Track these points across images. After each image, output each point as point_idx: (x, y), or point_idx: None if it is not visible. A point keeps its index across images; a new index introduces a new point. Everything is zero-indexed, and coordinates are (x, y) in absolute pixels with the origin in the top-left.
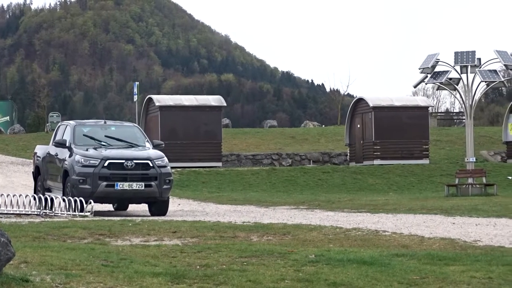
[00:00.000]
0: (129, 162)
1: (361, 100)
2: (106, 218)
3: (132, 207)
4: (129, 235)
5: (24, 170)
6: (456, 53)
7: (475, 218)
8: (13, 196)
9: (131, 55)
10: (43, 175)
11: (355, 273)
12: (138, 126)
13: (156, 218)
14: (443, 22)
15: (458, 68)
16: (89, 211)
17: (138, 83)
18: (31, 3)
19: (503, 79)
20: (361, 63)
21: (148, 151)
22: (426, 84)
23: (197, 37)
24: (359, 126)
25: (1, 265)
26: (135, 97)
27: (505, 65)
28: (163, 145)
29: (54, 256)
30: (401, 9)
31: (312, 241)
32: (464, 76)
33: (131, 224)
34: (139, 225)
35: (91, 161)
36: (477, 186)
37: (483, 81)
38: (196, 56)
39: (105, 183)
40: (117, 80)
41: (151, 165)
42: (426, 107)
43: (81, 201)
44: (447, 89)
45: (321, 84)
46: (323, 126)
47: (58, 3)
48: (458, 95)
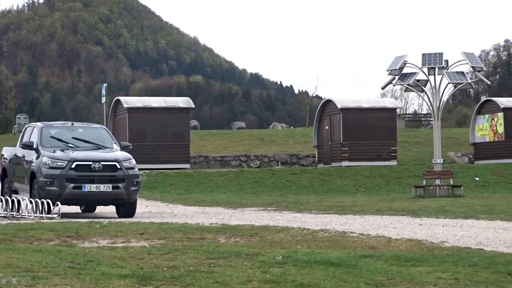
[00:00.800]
0: (97, 164)
1: (329, 101)
2: (73, 220)
3: (99, 209)
4: (96, 237)
5: None
6: (423, 55)
7: (442, 219)
8: None
9: (100, 56)
10: (10, 177)
11: (322, 274)
12: (105, 128)
13: (123, 220)
14: (411, 24)
15: (425, 69)
16: (56, 213)
17: (106, 84)
18: None
19: (470, 81)
20: (329, 64)
21: (115, 153)
22: (394, 85)
23: (166, 39)
24: (327, 127)
25: None
26: (103, 99)
27: (472, 67)
28: (131, 147)
29: (20, 258)
30: (369, 11)
31: (279, 243)
32: (431, 77)
33: (98, 226)
34: (107, 227)
35: (58, 163)
36: (445, 187)
37: (450, 83)
38: (164, 57)
39: (72, 185)
40: (85, 81)
41: (118, 167)
42: (394, 109)
43: (48, 203)
44: (414, 91)
45: (289, 85)
46: (292, 127)
47: (26, 5)
48: (425, 97)
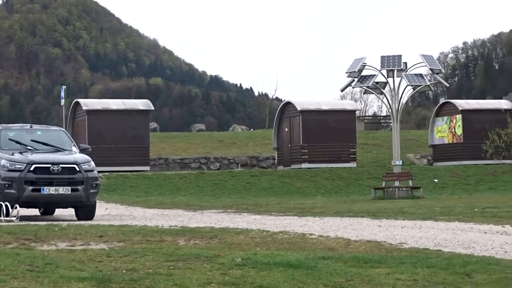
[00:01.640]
0: (56, 166)
1: (289, 104)
2: (32, 222)
3: (58, 212)
4: (55, 240)
5: None
6: (382, 57)
7: (401, 220)
8: None
9: (59, 58)
10: None
11: (282, 276)
12: (64, 130)
13: (82, 222)
14: (370, 26)
15: (384, 72)
16: (14, 216)
17: (65, 87)
18: None
19: (429, 83)
20: (289, 67)
21: (74, 155)
22: (353, 88)
23: (125, 41)
24: (287, 129)
25: None
26: (62, 101)
27: (431, 69)
28: (90, 149)
29: None
30: (329, 13)
31: (239, 245)
32: (390, 80)
33: (57, 228)
34: (65, 230)
35: (17, 166)
36: (404, 189)
37: (409, 85)
38: (124, 60)
39: (31, 188)
40: (44, 84)
41: (77, 169)
42: (353, 111)
43: (6, 205)
44: (374, 93)
45: (249, 88)
46: (251, 130)
47: None
48: (385, 99)
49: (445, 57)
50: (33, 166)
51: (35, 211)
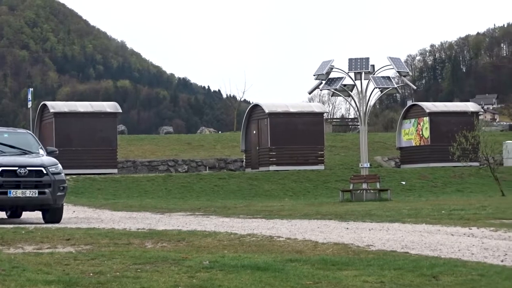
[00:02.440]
0: (22, 169)
1: (257, 106)
2: None
3: (25, 215)
4: (22, 243)
5: None
6: (350, 60)
7: (368, 223)
8: None
9: (26, 61)
10: None
11: (249, 278)
12: (31, 133)
13: (50, 225)
14: (338, 29)
15: (352, 74)
16: None
17: (32, 89)
18: None
19: (396, 86)
20: (257, 69)
21: (41, 158)
22: (321, 90)
23: (93, 43)
24: (255, 132)
25: None
26: (29, 104)
27: (398, 72)
28: (57, 152)
29: None
30: (296, 16)
31: (206, 247)
32: (358, 82)
33: (24, 231)
34: (32, 233)
35: None
36: (371, 191)
37: (377, 88)
38: (91, 62)
39: None
40: (11, 86)
41: (44, 172)
42: (321, 113)
43: None
44: (341, 96)
45: (217, 90)
46: (219, 132)
47: None
48: (352, 102)
49: (413, 59)
50: (0, 169)
51: (1, 214)
